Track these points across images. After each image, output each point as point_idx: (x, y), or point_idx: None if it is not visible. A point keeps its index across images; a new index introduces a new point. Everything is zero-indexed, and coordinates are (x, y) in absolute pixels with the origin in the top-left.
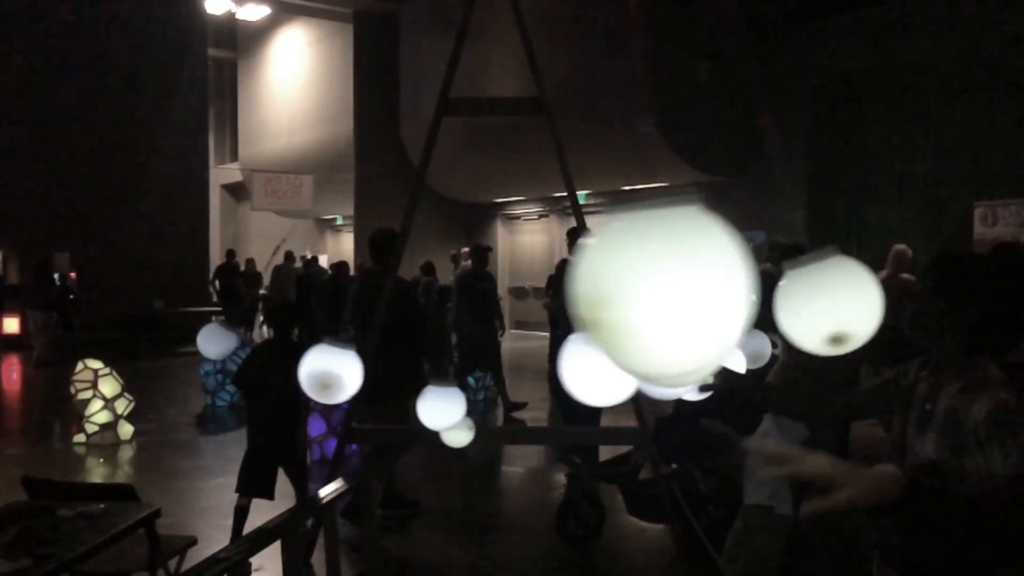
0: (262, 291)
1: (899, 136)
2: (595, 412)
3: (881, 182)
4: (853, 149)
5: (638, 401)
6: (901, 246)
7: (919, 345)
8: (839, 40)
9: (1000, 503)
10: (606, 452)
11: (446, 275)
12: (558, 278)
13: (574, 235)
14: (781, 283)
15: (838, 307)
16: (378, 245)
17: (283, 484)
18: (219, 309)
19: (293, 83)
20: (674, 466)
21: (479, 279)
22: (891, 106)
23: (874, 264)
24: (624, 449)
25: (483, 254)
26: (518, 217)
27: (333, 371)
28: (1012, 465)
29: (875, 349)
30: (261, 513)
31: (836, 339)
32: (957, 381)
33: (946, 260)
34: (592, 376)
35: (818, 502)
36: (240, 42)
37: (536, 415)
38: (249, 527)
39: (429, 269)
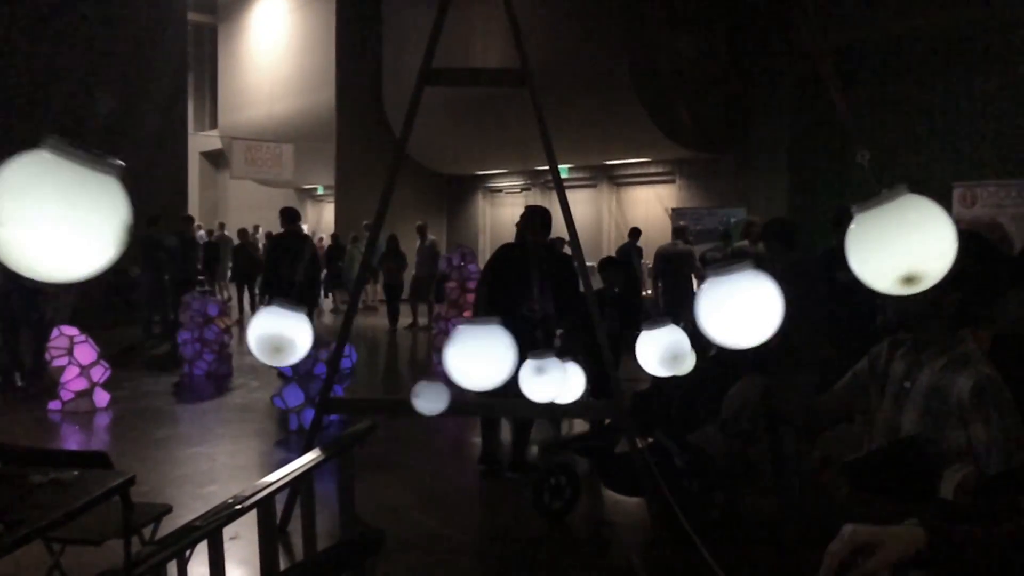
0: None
1: (880, 115)
2: None
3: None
4: (834, 127)
5: (615, 375)
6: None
7: (895, 328)
8: (822, 18)
9: None
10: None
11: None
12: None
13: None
14: (851, 226)
15: (910, 247)
16: (544, 220)
17: (259, 452)
18: (201, 279)
19: (274, 50)
20: (649, 440)
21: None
22: (872, 84)
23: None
24: None
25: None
26: (500, 190)
27: (285, 334)
28: (995, 434)
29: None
30: (237, 481)
31: (909, 279)
32: (940, 358)
33: None
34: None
35: (870, 564)
36: (220, 7)
37: None
38: (224, 495)
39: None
